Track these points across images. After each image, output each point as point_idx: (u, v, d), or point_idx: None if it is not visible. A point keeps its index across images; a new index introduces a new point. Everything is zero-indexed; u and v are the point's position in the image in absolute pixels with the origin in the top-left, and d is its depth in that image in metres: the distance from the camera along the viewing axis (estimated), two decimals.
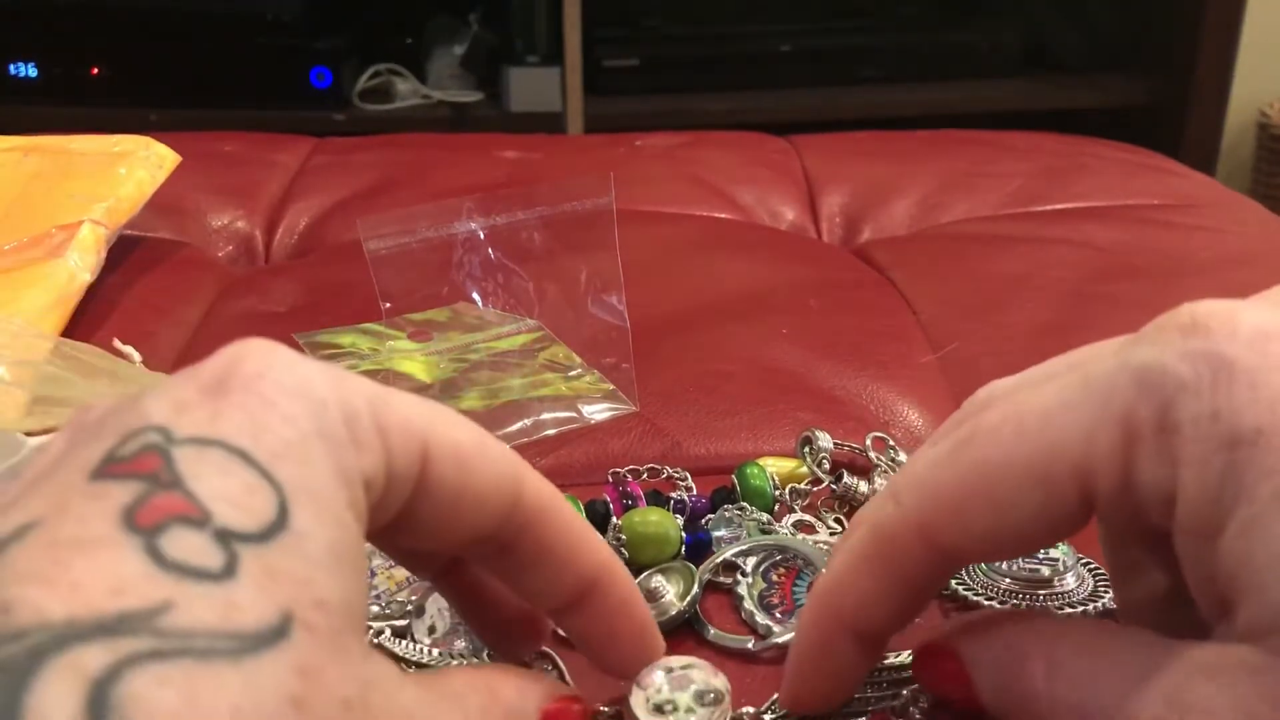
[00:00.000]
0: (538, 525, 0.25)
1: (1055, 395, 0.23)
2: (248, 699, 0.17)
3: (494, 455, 0.24)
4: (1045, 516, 0.23)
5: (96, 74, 1.48)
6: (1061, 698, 0.23)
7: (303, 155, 0.81)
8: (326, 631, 0.19)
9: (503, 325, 0.47)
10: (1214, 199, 0.75)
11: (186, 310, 0.58)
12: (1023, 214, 0.72)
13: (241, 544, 0.19)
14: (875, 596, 0.26)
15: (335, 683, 0.18)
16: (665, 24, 1.63)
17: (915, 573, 0.25)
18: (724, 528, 0.37)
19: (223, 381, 0.21)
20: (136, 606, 0.17)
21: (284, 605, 0.18)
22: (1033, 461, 0.23)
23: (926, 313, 0.57)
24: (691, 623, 0.33)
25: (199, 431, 0.20)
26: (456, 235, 0.45)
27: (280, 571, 0.19)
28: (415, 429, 0.22)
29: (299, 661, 0.18)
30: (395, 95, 1.56)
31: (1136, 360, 0.22)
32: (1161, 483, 0.22)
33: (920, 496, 0.25)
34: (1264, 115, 1.74)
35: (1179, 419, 0.21)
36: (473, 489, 0.23)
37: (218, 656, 0.17)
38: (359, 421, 0.21)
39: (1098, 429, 0.22)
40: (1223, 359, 0.21)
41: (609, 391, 0.46)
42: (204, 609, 0.18)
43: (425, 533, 0.24)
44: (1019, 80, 1.64)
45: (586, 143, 1.03)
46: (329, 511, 0.20)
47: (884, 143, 0.88)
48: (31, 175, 0.59)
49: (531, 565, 0.25)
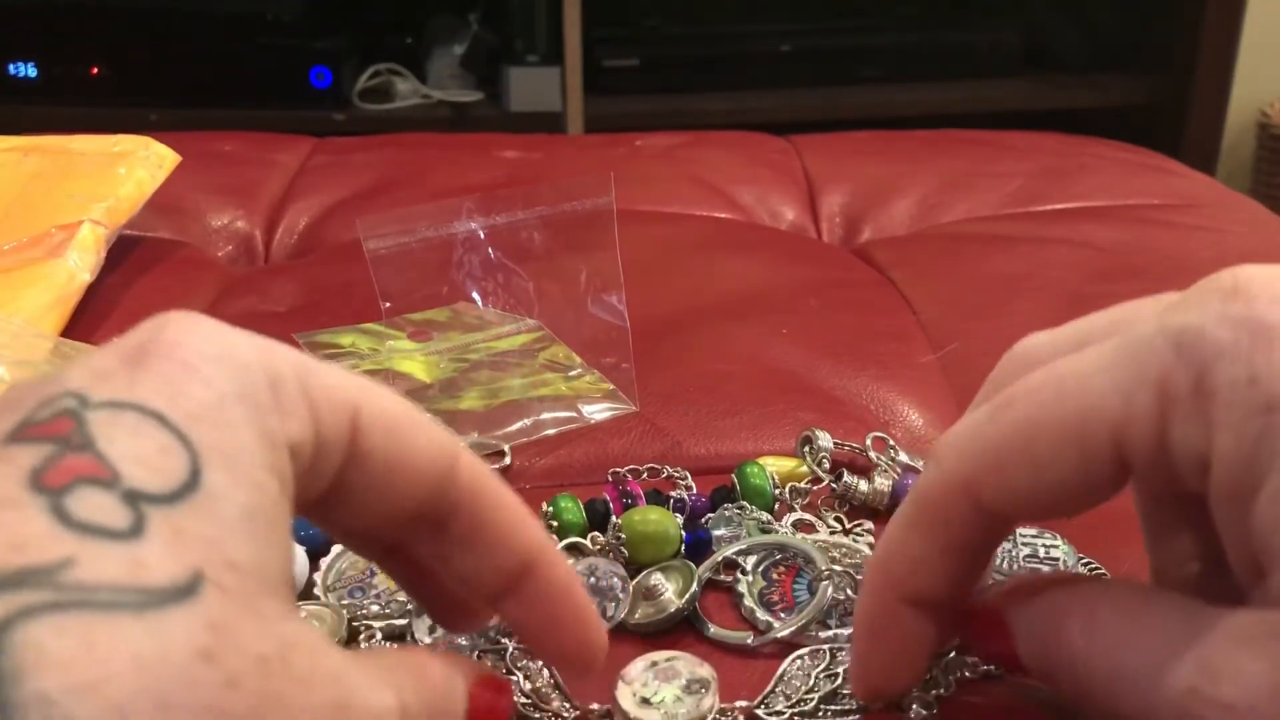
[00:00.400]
0: (472, 502, 0.24)
1: (1093, 358, 0.23)
2: (151, 648, 0.17)
3: (427, 428, 0.24)
4: (1082, 476, 0.23)
5: (96, 74, 1.48)
6: (1098, 660, 0.23)
7: (302, 155, 0.81)
8: (240, 592, 0.19)
9: (503, 325, 0.47)
10: (1214, 199, 0.75)
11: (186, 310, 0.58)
12: (1023, 214, 0.72)
13: (151, 504, 0.18)
14: (926, 560, 0.26)
15: (250, 639, 0.18)
16: (665, 24, 1.63)
17: (962, 533, 0.26)
18: (724, 527, 0.37)
19: (143, 348, 0.21)
20: (37, 562, 0.17)
21: (193, 564, 0.18)
22: (1070, 422, 0.23)
23: (926, 313, 0.57)
24: (691, 620, 0.33)
25: (115, 395, 0.20)
26: (456, 235, 0.45)
27: (190, 531, 0.19)
28: (343, 397, 0.22)
29: (209, 617, 0.18)
30: (395, 95, 1.56)
31: (1175, 324, 0.22)
32: (1196, 446, 0.22)
33: (962, 457, 0.25)
34: (1264, 115, 1.74)
35: (1215, 383, 0.21)
36: (405, 459, 0.23)
37: (121, 609, 0.17)
38: (284, 386, 0.21)
39: (1135, 391, 0.22)
40: (1263, 324, 0.21)
41: (609, 391, 0.46)
42: (108, 565, 0.17)
43: (360, 506, 0.24)
44: (1019, 80, 1.64)
45: (586, 143, 1.03)
46: (245, 474, 0.20)
47: (884, 143, 0.88)
48: (31, 175, 0.59)
49: (467, 545, 0.25)
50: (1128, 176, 0.78)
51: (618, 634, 0.33)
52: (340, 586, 0.34)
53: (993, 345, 0.53)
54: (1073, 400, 0.23)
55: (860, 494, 0.39)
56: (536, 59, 1.52)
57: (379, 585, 0.34)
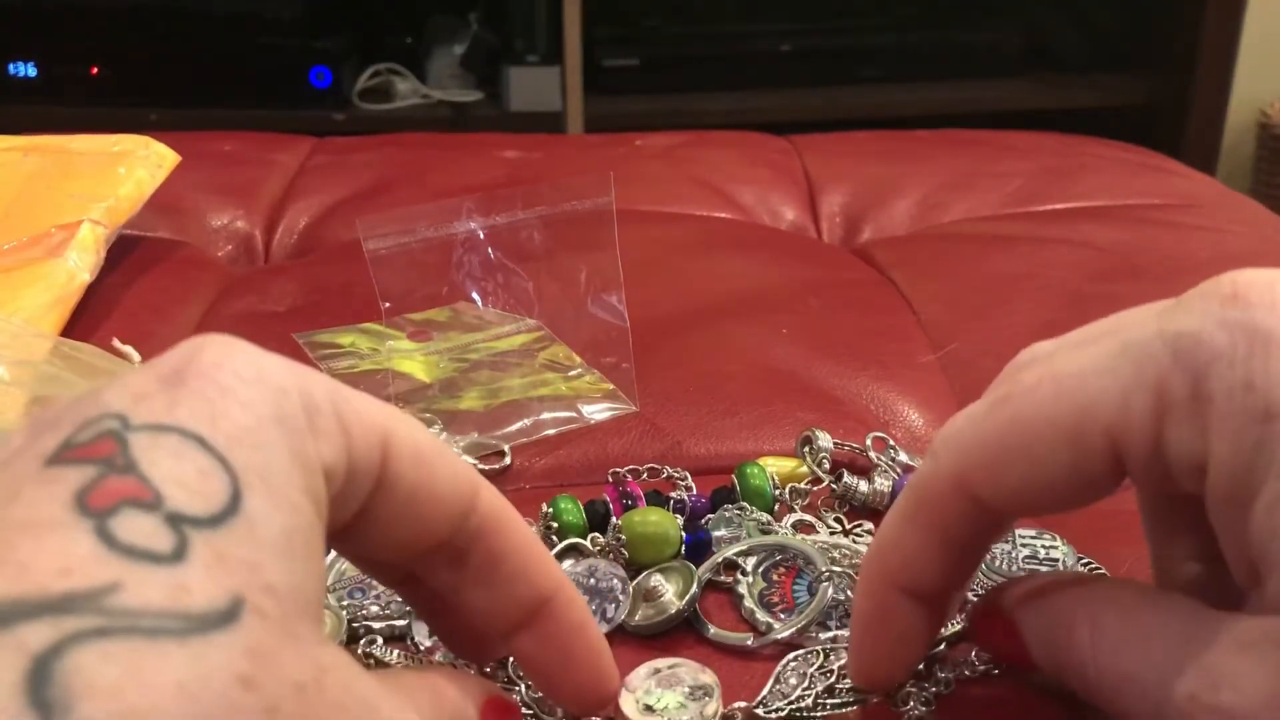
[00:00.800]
0: (492, 534, 0.25)
1: (1092, 359, 0.23)
2: (194, 676, 0.17)
3: (451, 459, 0.24)
4: (1076, 475, 0.24)
5: (96, 74, 1.48)
6: (1105, 664, 0.24)
7: (302, 155, 0.81)
8: (278, 616, 0.19)
9: (503, 325, 0.47)
10: (1214, 199, 0.75)
11: (186, 310, 0.58)
12: (1023, 214, 0.72)
13: (193, 528, 0.19)
14: (921, 553, 0.26)
15: (288, 666, 0.18)
16: (665, 24, 1.63)
17: (956, 527, 0.26)
18: (724, 527, 0.37)
19: (181, 371, 0.21)
20: (84, 587, 0.17)
21: (234, 589, 0.18)
22: (1066, 420, 0.23)
23: (926, 313, 0.57)
24: (691, 621, 0.33)
25: (156, 418, 0.20)
26: (456, 235, 0.45)
27: (231, 556, 0.19)
28: (375, 423, 0.23)
29: (249, 643, 0.18)
30: (395, 95, 1.56)
31: (1173, 327, 0.22)
32: (1193, 451, 0.22)
33: (957, 451, 0.25)
34: (1264, 115, 1.74)
35: (1212, 389, 0.21)
36: (431, 488, 0.24)
37: (165, 635, 0.17)
38: (319, 411, 0.21)
39: (1131, 394, 0.22)
40: (1260, 330, 0.21)
41: (609, 391, 0.46)
42: (152, 590, 0.17)
43: (384, 534, 0.24)
44: (1019, 80, 1.64)
45: (586, 143, 1.03)
46: (284, 497, 0.20)
47: (884, 143, 0.88)
48: (31, 175, 0.59)
49: (485, 577, 0.25)
50: (1128, 176, 0.78)
51: (617, 636, 0.33)
52: (340, 587, 0.34)
53: (993, 345, 0.53)
54: (1069, 399, 0.23)
55: (860, 494, 0.39)
56: (536, 59, 1.52)
57: (379, 586, 0.34)
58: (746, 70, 1.61)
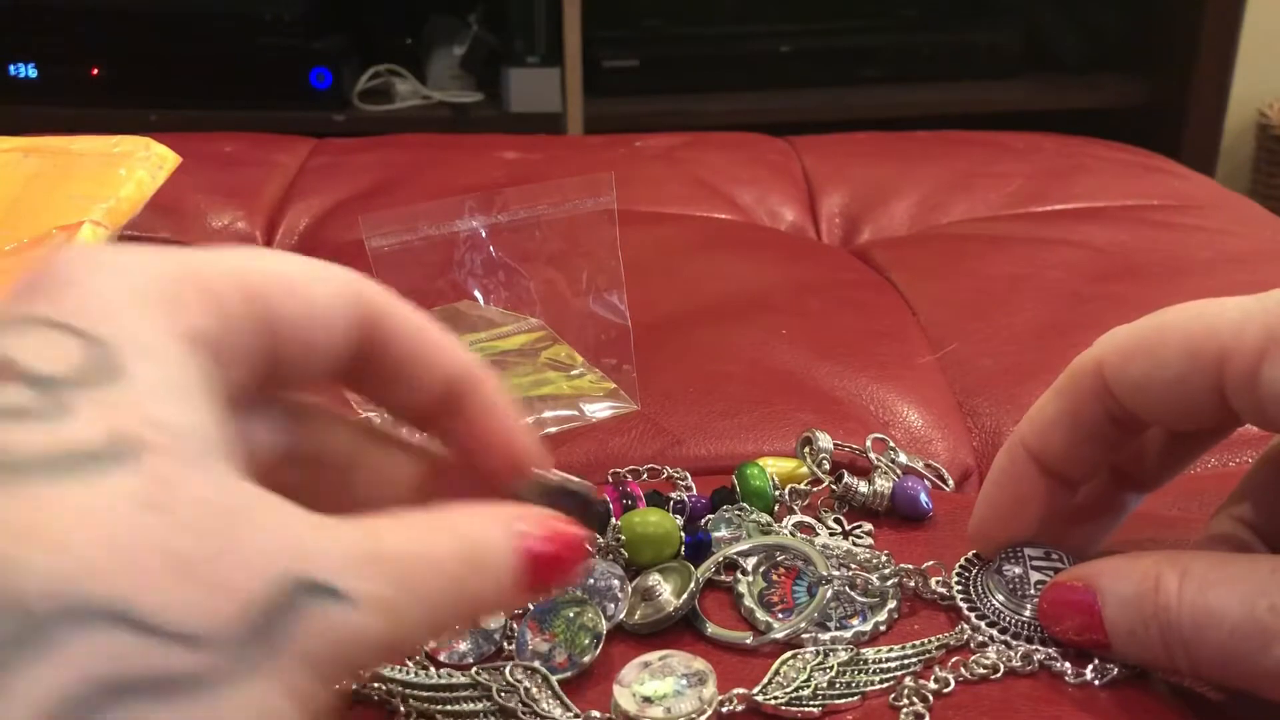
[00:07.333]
0: (386, 330, 0.25)
1: (1238, 300, 0.27)
2: (96, 502, 0.17)
3: (324, 279, 0.24)
4: (1183, 386, 0.27)
5: (96, 74, 1.48)
6: (1191, 602, 0.27)
7: (302, 156, 0.81)
8: (178, 451, 0.19)
9: (505, 324, 0.47)
10: (1214, 199, 0.75)
11: None
12: (1022, 214, 0.73)
13: (69, 388, 0.19)
14: (1054, 421, 0.30)
15: (197, 489, 0.18)
16: (665, 24, 1.63)
17: (1088, 408, 0.30)
18: (724, 528, 0.37)
19: (35, 276, 0.21)
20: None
21: (118, 426, 0.18)
22: (1192, 334, 0.27)
23: (926, 313, 0.57)
24: (690, 620, 0.33)
25: (18, 314, 0.20)
26: (458, 233, 0.45)
27: (110, 403, 0.19)
28: (234, 278, 0.22)
29: (151, 472, 0.18)
30: (395, 96, 1.56)
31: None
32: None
33: (1109, 339, 0.29)
34: (1264, 115, 1.74)
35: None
36: (310, 314, 0.23)
37: (57, 473, 0.17)
38: (183, 281, 0.22)
39: (1247, 326, 0.26)
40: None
41: (611, 390, 0.46)
42: (34, 438, 0.18)
43: (298, 372, 0.24)
44: (1019, 80, 1.64)
45: (586, 143, 1.03)
46: (161, 357, 0.20)
47: (884, 143, 0.88)
48: (31, 176, 0.59)
49: (394, 374, 0.25)
50: (1127, 177, 0.78)
51: (616, 635, 0.33)
52: None
53: (993, 345, 0.53)
54: (1204, 319, 0.27)
55: (860, 495, 0.39)
56: (536, 60, 1.52)
57: None
58: (746, 71, 1.61)
